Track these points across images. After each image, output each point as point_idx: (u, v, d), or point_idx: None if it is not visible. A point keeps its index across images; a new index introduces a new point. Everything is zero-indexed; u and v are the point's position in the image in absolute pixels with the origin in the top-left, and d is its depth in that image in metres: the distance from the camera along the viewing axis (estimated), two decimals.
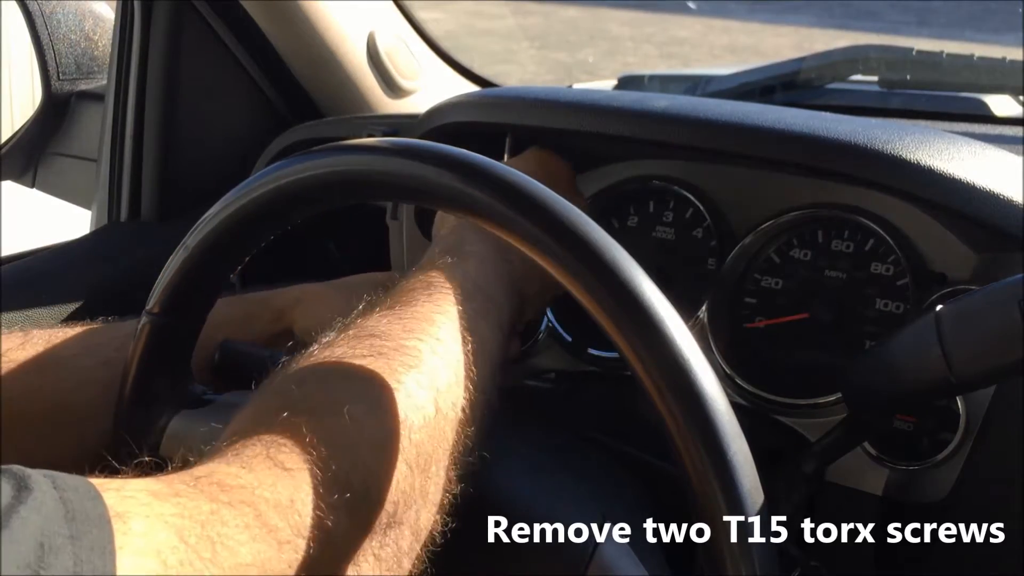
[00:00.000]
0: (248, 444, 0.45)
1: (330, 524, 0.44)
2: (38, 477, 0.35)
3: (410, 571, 0.50)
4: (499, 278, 0.65)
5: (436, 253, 0.67)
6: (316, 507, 0.43)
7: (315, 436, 0.46)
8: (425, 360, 0.53)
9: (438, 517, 0.52)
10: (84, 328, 0.70)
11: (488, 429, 0.56)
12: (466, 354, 0.56)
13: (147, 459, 0.46)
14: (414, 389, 0.51)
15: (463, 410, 0.54)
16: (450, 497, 0.52)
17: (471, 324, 0.58)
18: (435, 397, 0.52)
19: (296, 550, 0.42)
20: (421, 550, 0.50)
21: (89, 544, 0.34)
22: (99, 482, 0.37)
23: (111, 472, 0.42)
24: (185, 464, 0.44)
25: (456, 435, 0.53)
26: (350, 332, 0.54)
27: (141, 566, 0.35)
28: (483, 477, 0.55)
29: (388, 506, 0.47)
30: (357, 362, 0.52)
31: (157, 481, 0.41)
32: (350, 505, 0.45)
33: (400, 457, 0.49)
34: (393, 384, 0.51)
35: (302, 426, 0.46)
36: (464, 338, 0.56)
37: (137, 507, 0.37)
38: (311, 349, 0.53)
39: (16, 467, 0.35)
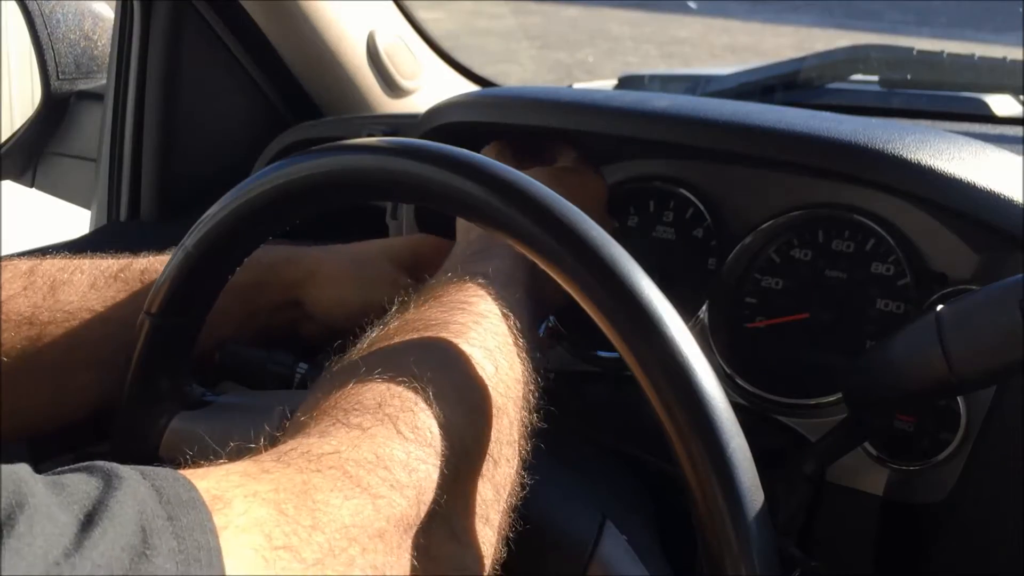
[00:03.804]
0: (321, 417, 0.46)
1: (418, 476, 0.44)
2: (126, 469, 0.35)
3: (500, 526, 0.51)
4: (522, 271, 0.66)
5: (461, 254, 0.68)
6: (400, 460, 0.44)
7: (384, 397, 0.46)
8: (472, 329, 0.54)
9: (515, 473, 0.52)
10: (89, 268, 0.70)
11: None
12: (509, 325, 0.57)
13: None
14: (469, 350, 0.52)
15: (520, 370, 0.55)
16: (523, 453, 0.53)
17: (506, 303, 0.59)
18: (491, 358, 0.53)
19: (391, 505, 0.42)
20: (506, 505, 0.51)
21: (188, 524, 0.34)
22: (188, 472, 0.37)
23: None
24: (272, 443, 0.44)
25: (518, 390, 0.54)
26: (392, 325, 0.55)
27: (247, 543, 0.35)
28: None
29: (466, 458, 0.48)
30: (409, 337, 0.53)
31: (244, 463, 0.41)
32: (431, 457, 0.46)
33: (469, 410, 0.50)
34: (450, 349, 0.52)
35: (369, 390, 0.47)
36: (503, 314, 0.58)
37: (232, 488, 0.37)
38: (357, 347, 0.54)
39: (100, 463, 0.35)
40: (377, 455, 0.43)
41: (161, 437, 0.65)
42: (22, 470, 0.32)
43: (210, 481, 0.37)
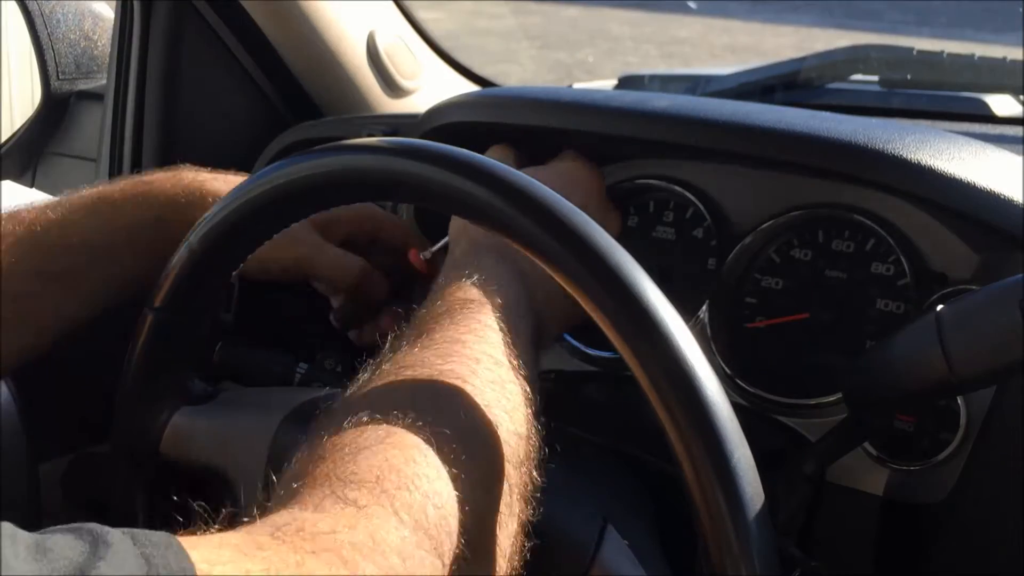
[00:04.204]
0: (315, 486, 0.44)
1: (412, 563, 0.42)
2: (116, 533, 0.34)
3: None
4: (515, 293, 0.65)
5: (450, 277, 0.67)
6: (395, 546, 0.42)
7: (382, 470, 0.45)
8: (468, 381, 0.52)
9: (521, 537, 0.51)
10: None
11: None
12: (507, 364, 0.55)
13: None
14: (468, 410, 0.51)
15: (520, 420, 0.53)
16: (523, 517, 0.52)
17: (503, 335, 0.57)
18: (490, 413, 0.52)
19: None
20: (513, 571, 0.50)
21: None
22: (180, 540, 0.36)
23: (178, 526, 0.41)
24: (263, 512, 0.43)
25: (519, 446, 0.52)
26: (384, 367, 0.54)
27: None
28: None
29: (464, 536, 0.46)
30: (405, 385, 0.51)
31: (238, 535, 0.39)
32: (425, 542, 0.44)
33: (467, 480, 0.47)
34: (447, 408, 0.50)
35: (365, 459, 0.45)
36: (499, 356, 0.56)
37: (224, 564, 0.36)
38: (351, 390, 0.53)
39: (92, 524, 0.34)
40: (374, 539, 0.42)
41: (162, 433, 0.66)
42: (4, 530, 0.31)
43: (201, 552, 0.35)
